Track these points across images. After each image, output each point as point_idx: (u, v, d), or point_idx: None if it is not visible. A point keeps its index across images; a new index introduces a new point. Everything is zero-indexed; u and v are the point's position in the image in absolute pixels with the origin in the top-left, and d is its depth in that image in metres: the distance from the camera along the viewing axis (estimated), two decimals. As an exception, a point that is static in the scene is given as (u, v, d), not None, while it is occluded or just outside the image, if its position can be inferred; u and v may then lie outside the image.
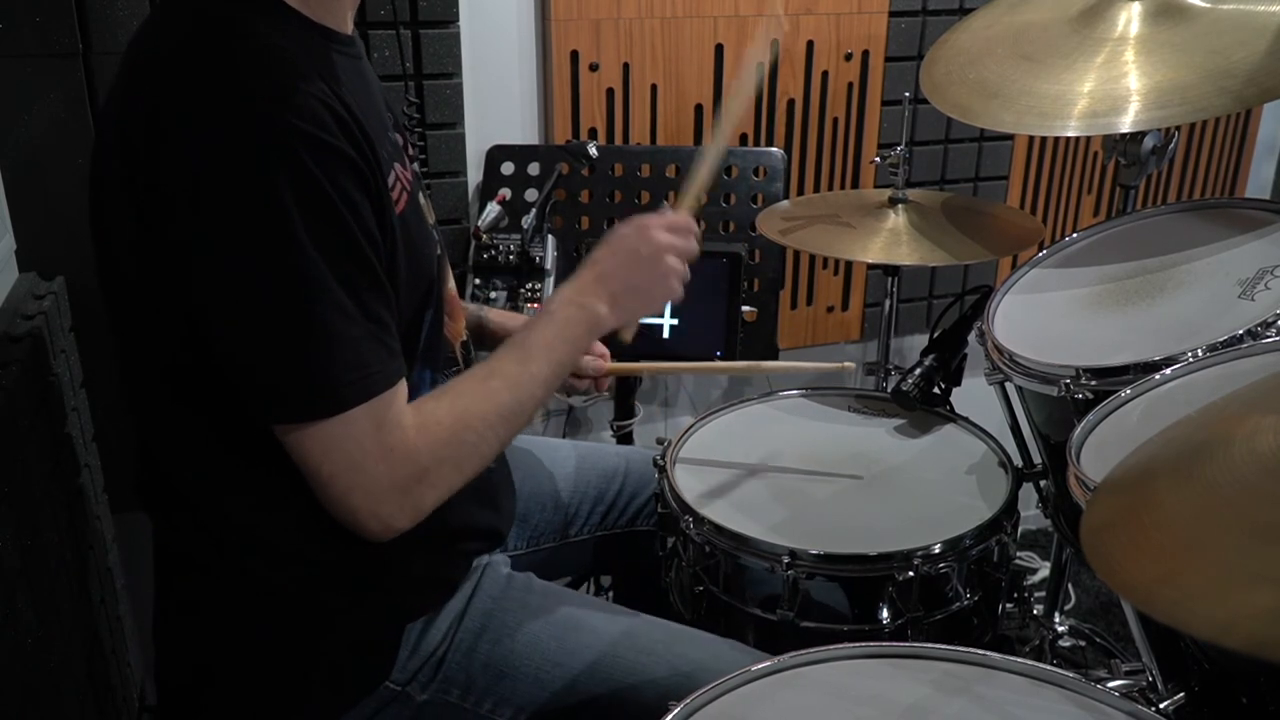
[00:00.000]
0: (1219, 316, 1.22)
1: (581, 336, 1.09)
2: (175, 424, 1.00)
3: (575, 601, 1.19)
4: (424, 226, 1.07)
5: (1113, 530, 0.76)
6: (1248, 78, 1.27)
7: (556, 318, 1.08)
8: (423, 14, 1.70)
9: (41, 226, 1.46)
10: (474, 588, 1.14)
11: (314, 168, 0.87)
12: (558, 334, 1.07)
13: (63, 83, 1.46)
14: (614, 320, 1.11)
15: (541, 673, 1.10)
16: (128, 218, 0.92)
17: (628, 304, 1.11)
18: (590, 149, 1.75)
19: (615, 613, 1.18)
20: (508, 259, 1.72)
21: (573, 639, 1.12)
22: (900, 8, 1.97)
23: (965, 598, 1.24)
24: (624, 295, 1.10)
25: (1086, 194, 2.29)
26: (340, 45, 0.99)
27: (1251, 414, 0.75)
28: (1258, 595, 0.61)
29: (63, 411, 1.36)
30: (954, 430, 1.47)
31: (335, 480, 0.93)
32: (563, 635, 1.12)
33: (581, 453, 1.47)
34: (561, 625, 1.13)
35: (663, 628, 1.16)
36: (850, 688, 0.90)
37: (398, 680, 1.08)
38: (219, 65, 0.88)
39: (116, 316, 1.00)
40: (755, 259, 1.81)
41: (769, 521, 1.25)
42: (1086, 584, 2.26)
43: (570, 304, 1.09)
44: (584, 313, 1.09)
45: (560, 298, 1.10)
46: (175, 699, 1.11)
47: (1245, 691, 0.88)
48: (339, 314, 0.90)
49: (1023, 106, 1.39)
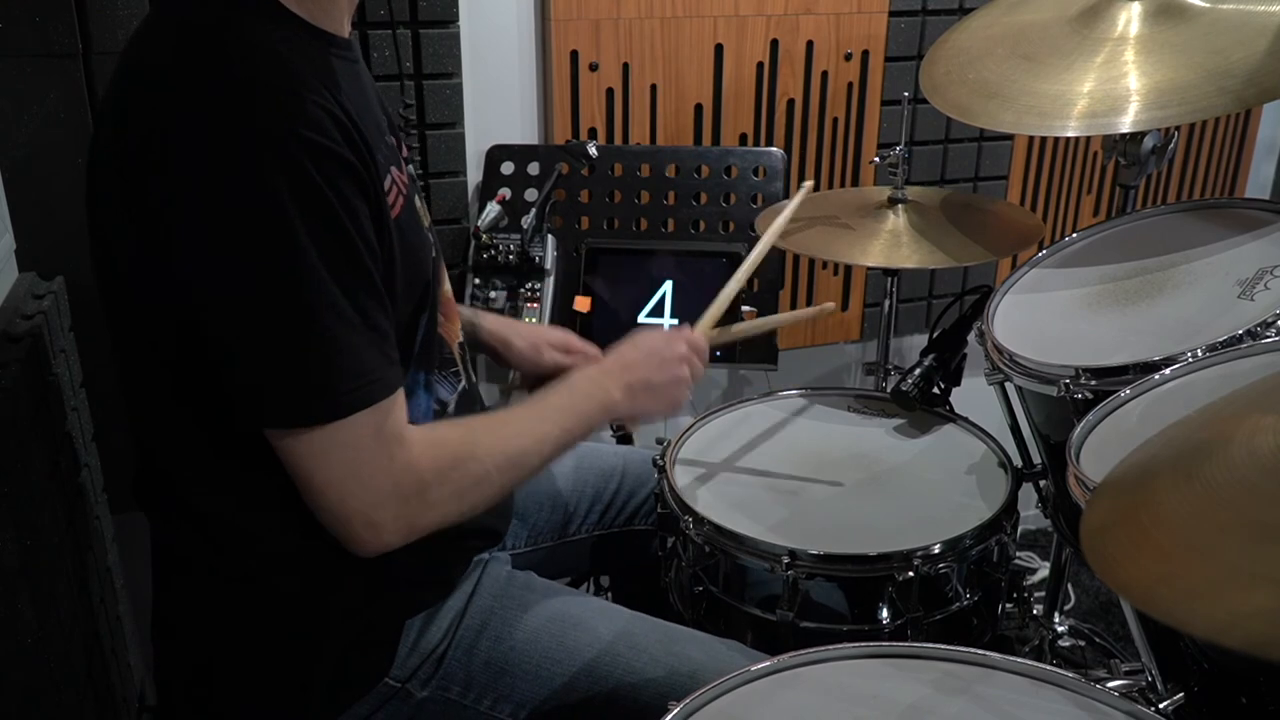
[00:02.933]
0: (1219, 316, 1.22)
1: (594, 413, 1.14)
2: (173, 425, 1.00)
3: (575, 600, 1.19)
4: (420, 230, 1.07)
5: (1112, 530, 0.76)
6: (1248, 78, 1.27)
7: (575, 390, 1.14)
8: (423, 14, 1.71)
9: (41, 226, 1.46)
10: (475, 585, 1.15)
11: (315, 174, 0.87)
12: (572, 404, 1.12)
13: (62, 82, 1.46)
14: (625, 408, 1.16)
15: (541, 670, 1.10)
16: (125, 220, 0.91)
17: (640, 398, 1.17)
18: (590, 149, 1.75)
19: (615, 612, 1.18)
20: (507, 259, 1.72)
21: (573, 637, 1.12)
22: (900, 8, 1.97)
23: (965, 598, 1.24)
24: (640, 389, 1.16)
25: (1086, 194, 2.29)
26: (338, 49, 0.99)
27: (1251, 414, 0.75)
28: (1257, 595, 0.61)
29: (63, 411, 1.36)
30: (954, 430, 1.47)
31: (331, 487, 0.93)
32: (563, 634, 1.13)
33: (580, 452, 1.47)
34: (562, 624, 1.14)
35: (662, 628, 1.17)
36: (850, 688, 0.90)
37: (397, 677, 1.08)
38: (218, 71, 0.88)
39: (114, 318, 1.00)
40: (755, 259, 1.81)
41: (769, 521, 1.25)
42: (1086, 584, 2.26)
43: (590, 381, 1.15)
44: (602, 393, 1.14)
45: (582, 374, 1.17)
46: (175, 699, 1.11)
47: (1245, 691, 0.88)
48: (339, 321, 0.90)
49: (1022, 106, 1.39)
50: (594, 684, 1.10)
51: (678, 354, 1.20)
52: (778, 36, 1.91)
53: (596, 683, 1.10)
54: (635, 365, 1.18)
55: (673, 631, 1.17)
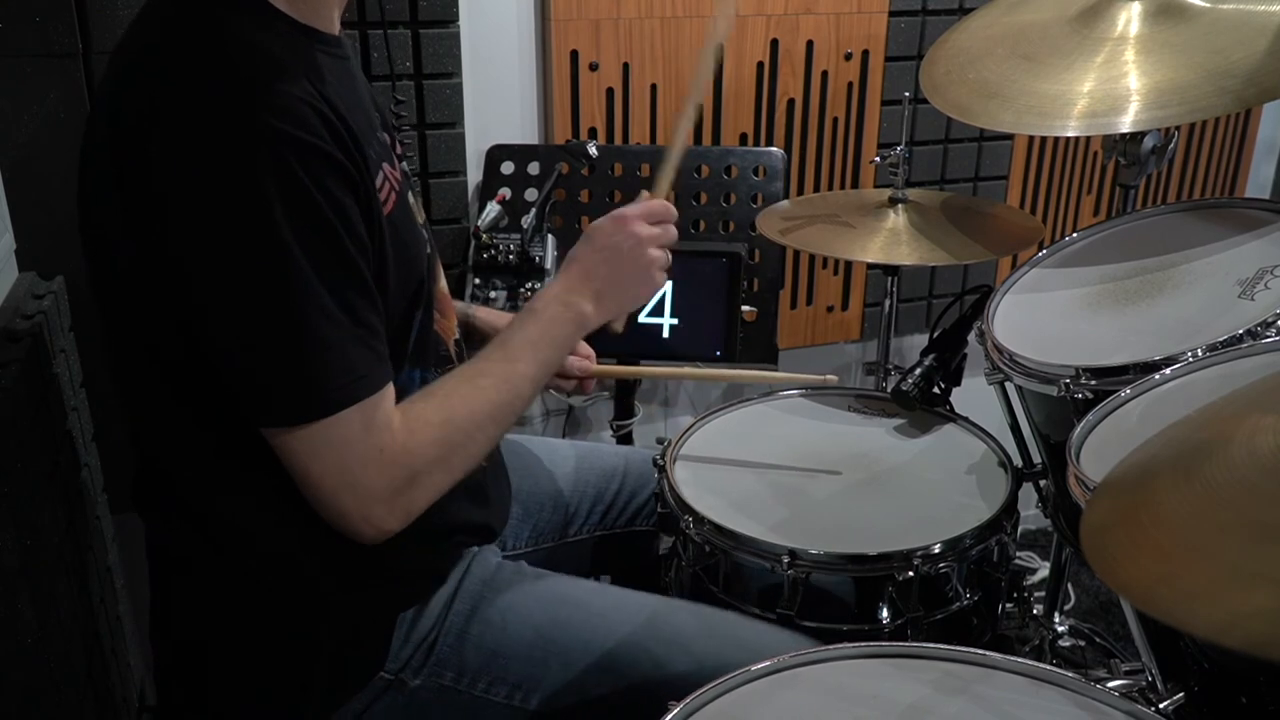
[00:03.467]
0: (1219, 316, 1.22)
1: (567, 335, 1.10)
2: (169, 424, 1.00)
3: (565, 580, 1.19)
4: (413, 226, 1.07)
5: (1112, 530, 0.76)
6: (1248, 78, 1.27)
7: (542, 316, 1.09)
8: (423, 14, 1.70)
9: (41, 226, 1.46)
10: (463, 573, 1.15)
11: (301, 171, 0.87)
12: (543, 332, 1.08)
13: (62, 82, 1.46)
14: (600, 317, 1.11)
15: (535, 650, 1.10)
16: (119, 218, 0.91)
17: (613, 299, 1.12)
18: (590, 148, 1.75)
19: (605, 589, 1.19)
20: (507, 259, 1.72)
21: (565, 614, 1.12)
22: (900, 8, 1.97)
23: (965, 598, 1.24)
24: (608, 291, 1.11)
25: (1086, 194, 2.29)
26: (326, 46, 0.99)
27: (1251, 414, 0.75)
28: (1257, 595, 0.61)
29: (63, 411, 1.36)
30: (954, 430, 1.47)
31: (325, 483, 0.94)
32: (555, 611, 1.12)
33: (581, 452, 1.47)
34: (553, 603, 1.13)
35: (657, 600, 1.17)
36: (850, 688, 0.90)
37: (391, 669, 1.08)
38: (204, 68, 0.88)
39: (109, 317, 1.00)
40: (755, 259, 1.81)
41: (769, 521, 1.25)
42: (1086, 584, 2.26)
43: (555, 302, 1.10)
44: (569, 311, 1.09)
45: (545, 296, 1.11)
46: (175, 698, 1.11)
47: (1245, 691, 0.88)
48: (326, 318, 0.90)
49: (1022, 106, 1.39)
50: (590, 659, 1.09)
51: (638, 238, 1.11)
52: (778, 36, 1.91)
53: (592, 657, 1.09)
54: (595, 270, 1.11)
55: (667, 604, 1.17)
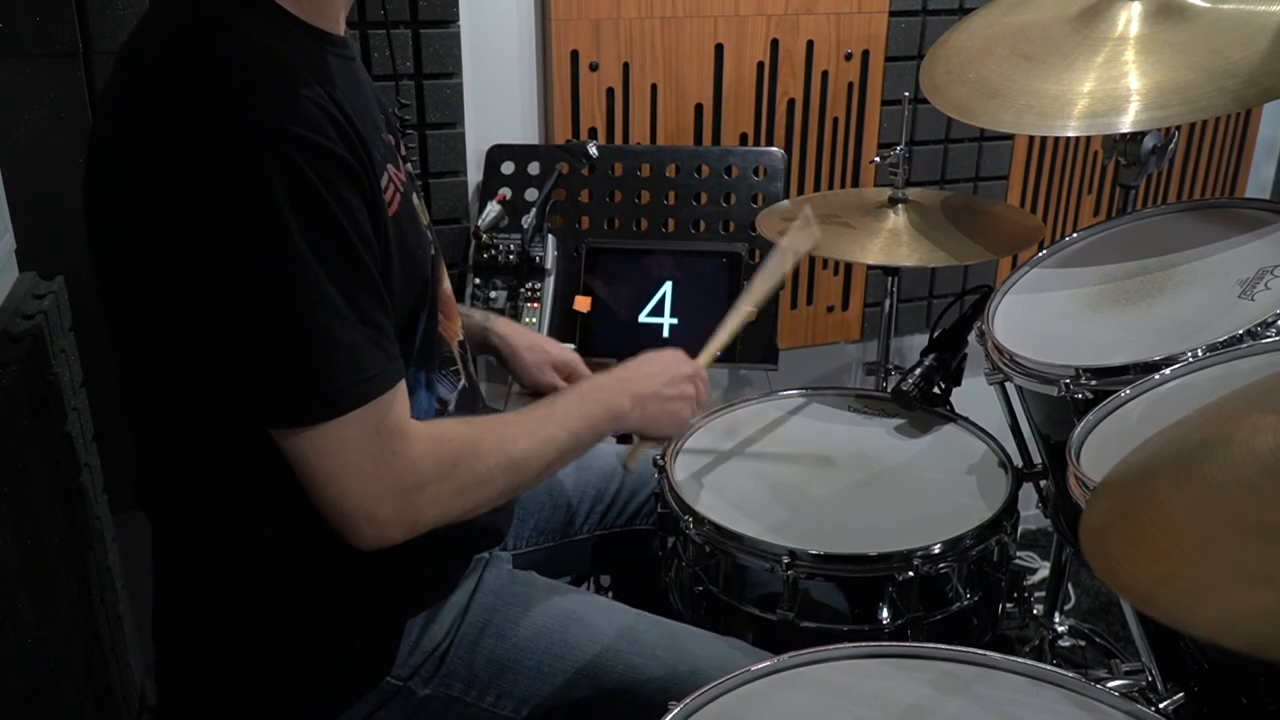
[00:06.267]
0: (1219, 316, 1.22)
1: (602, 420, 1.14)
2: (174, 424, 1.00)
3: (578, 598, 1.20)
4: (417, 228, 1.07)
5: (1112, 530, 0.76)
6: (1248, 78, 1.27)
7: (585, 397, 1.14)
8: (423, 14, 1.71)
9: (41, 226, 1.46)
10: (477, 583, 1.15)
11: (309, 172, 0.87)
12: (581, 410, 1.12)
13: (62, 82, 1.46)
14: (633, 418, 1.17)
15: (544, 667, 1.10)
16: (125, 218, 0.92)
17: (648, 410, 1.18)
18: (590, 148, 1.75)
19: (617, 609, 1.19)
20: (508, 259, 1.72)
21: (575, 634, 1.13)
22: (900, 7, 1.97)
23: (965, 598, 1.24)
24: (648, 401, 1.18)
25: (1086, 194, 2.29)
26: (333, 47, 0.99)
27: (1251, 414, 0.75)
28: (1257, 595, 0.61)
29: (63, 411, 1.36)
30: (954, 430, 1.47)
31: (331, 484, 0.93)
32: (565, 630, 1.13)
33: (581, 452, 1.48)
34: (564, 621, 1.14)
35: (664, 625, 1.17)
36: (850, 688, 0.90)
37: (399, 676, 1.08)
38: (213, 69, 0.88)
39: (114, 316, 1.00)
40: (755, 259, 1.81)
41: (769, 521, 1.25)
42: (1086, 584, 2.26)
43: (600, 388, 1.16)
44: (611, 399, 1.15)
45: (592, 380, 1.20)
46: (175, 699, 1.11)
47: (1245, 691, 0.88)
48: (335, 318, 0.90)
49: (1023, 106, 1.39)
50: (596, 680, 1.10)
51: (685, 373, 1.21)
52: (778, 36, 1.91)
53: (598, 679, 1.10)
54: (645, 378, 1.19)
55: (675, 629, 1.17)
